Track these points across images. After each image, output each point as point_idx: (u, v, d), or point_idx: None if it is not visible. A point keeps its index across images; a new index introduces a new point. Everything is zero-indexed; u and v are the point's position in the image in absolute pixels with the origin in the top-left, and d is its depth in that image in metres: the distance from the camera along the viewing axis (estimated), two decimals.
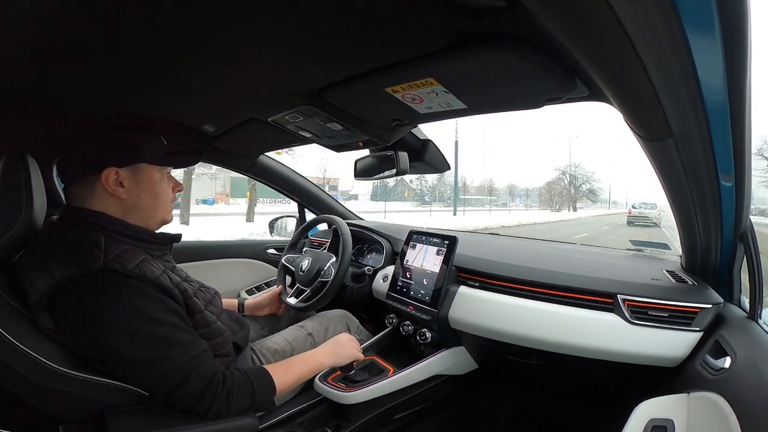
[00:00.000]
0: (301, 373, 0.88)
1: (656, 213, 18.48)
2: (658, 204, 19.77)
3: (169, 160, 0.83)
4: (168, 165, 0.83)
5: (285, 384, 0.83)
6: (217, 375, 0.72)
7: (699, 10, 0.38)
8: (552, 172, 54.01)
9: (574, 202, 42.59)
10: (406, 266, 1.21)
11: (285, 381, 0.83)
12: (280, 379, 0.81)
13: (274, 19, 0.55)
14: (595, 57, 0.48)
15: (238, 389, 0.73)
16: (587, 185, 45.20)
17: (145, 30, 0.58)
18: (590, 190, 46.00)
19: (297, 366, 0.88)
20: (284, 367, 0.86)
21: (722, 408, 0.59)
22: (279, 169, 1.66)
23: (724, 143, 0.58)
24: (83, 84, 0.79)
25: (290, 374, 0.85)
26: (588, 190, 45.72)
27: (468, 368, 1.19)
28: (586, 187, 45.33)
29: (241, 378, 0.75)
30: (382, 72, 0.68)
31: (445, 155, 1.20)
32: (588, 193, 45.63)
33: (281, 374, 0.82)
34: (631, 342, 0.85)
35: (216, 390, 0.71)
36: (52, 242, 0.73)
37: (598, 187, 46.08)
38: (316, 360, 0.92)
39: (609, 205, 52.83)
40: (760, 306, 0.78)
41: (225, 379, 0.73)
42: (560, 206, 39.55)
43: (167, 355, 0.68)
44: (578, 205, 44.30)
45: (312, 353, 0.94)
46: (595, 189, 46.07)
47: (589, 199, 46.66)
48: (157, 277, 0.71)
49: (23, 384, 0.66)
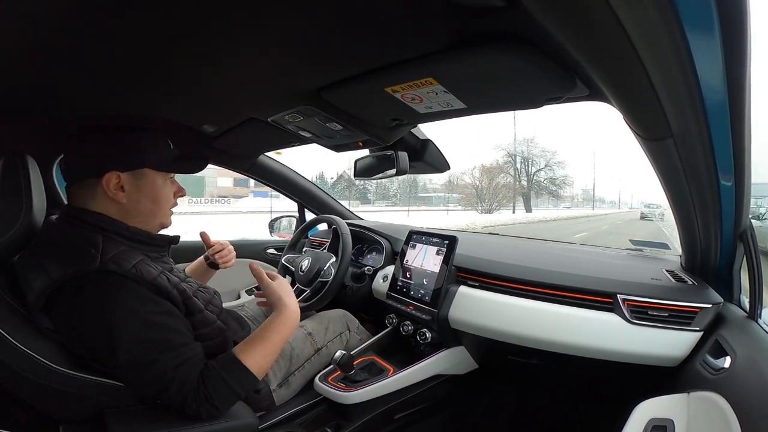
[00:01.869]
0: (271, 345, 0.77)
1: (661, 211, 23.08)
2: (661, 204, 22.80)
3: (175, 166, 0.82)
4: (173, 171, 0.82)
5: (261, 363, 0.75)
6: (194, 382, 0.68)
7: (699, 10, 0.38)
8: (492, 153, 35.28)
9: (528, 198, 29.34)
10: (406, 266, 1.21)
11: (260, 360, 0.75)
12: (249, 358, 0.73)
13: (274, 18, 0.55)
14: (594, 57, 0.48)
15: (214, 390, 0.69)
16: (547, 174, 30.16)
17: (144, 30, 0.57)
18: (552, 181, 30.15)
19: (265, 339, 0.77)
20: (251, 345, 0.76)
21: (722, 408, 0.59)
22: (279, 169, 1.66)
23: (724, 143, 0.58)
24: (83, 84, 0.79)
25: (263, 350, 0.76)
26: (549, 182, 30.15)
27: (468, 368, 1.19)
28: (544, 178, 30.12)
29: (214, 375, 0.70)
30: (381, 72, 0.68)
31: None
32: (549, 185, 30.21)
33: (251, 354, 0.74)
34: (631, 342, 0.85)
35: (197, 395, 0.68)
36: (50, 242, 0.73)
37: (562, 176, 30.62)
38: (280, 322, 0.80)
39: (593, 204, 42.10)
40: (760, 305, 0.78)
41: (199, 385, 0.68)
42: (497, 204, 25.43)
43: (156, 359, 0.67)
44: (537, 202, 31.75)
45: (270, 319, 0.80)
46: (559, 179, 30.38)
47: (551, 194, 31.30)
48: (154, 278, 0.71)
49: (23, 384, 0.66)
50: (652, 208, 25.54)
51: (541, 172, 30.37)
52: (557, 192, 31.34)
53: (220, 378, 0.70)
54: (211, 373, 0.70)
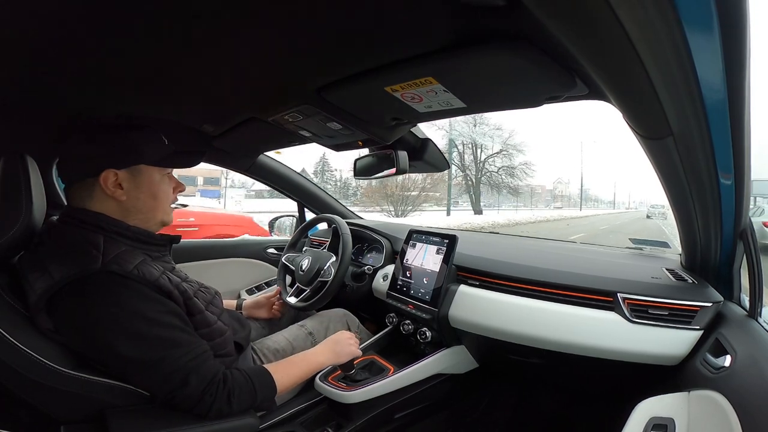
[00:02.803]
0: (301, 372, 0.88)
1: (665, 210, 23.47)
2: (664, 204, 23.76)
3: (170, 161, 0.82)
4: (168, 166, 0.82)
5: (285, 383, 0.84)
6: (218, 375, 0.72)
7: (698, 9, 0.38)
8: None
9: (476, 195, 21.30)
10: (406, 265, 1.21)
11: (285, 380, 0.84)
12: (280, 378, 0.82)
13: (274, 18, 0.55)
14: (594, 56, 0.48)
15: (238, 389, 0.74)
16: (503, 162, 21.86)
17: (144, 29, 0.57)
18: (508, 171, 21.81)
19: (297, 365, 0.88)
20: (285, 366, 0.87)
21: (723, 406, 0.59)
22: (278, 169, 1.66)
23: (724, 141, 0.58)
24: (83, 84, 0.79)
25: (291, 374, 0.86)
26: (503, 172, 21.73)
27: (468, 367, 1.19)
28: (499, 167, 21.81)
29: (241, 378, 0.75)
30: (381, 71, 0.68)
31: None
32: (503, 174, 21.77)
33: (282, 374, 0.83)
34: (632, 340, 0.85)
35: (216, 390, 0.71)
36: (51, 243, 0.73)
37: (522, 163, 22.46)
38: (316, 359, 0.93)
39: (581, 204, 36.17)
40: (760, 304, 0.78)
41: (225, 380, 0.73)
42: (411, 207, 15.05)
43: (167, 355, 0.68)
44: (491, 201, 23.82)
45: (312, 352, 0.94)
46: (516, 168, 22.14)
47: (510, 192, 23.08)
48: (156, 278, 0.71)
49: (24, 384, 0.66)
50: (656, 208, 27.60)
51: (495, 159, 22.03)
52: (517, 187, 23.11)
53: (249, 382, 0.76)
54: (240, 373, 0.75)
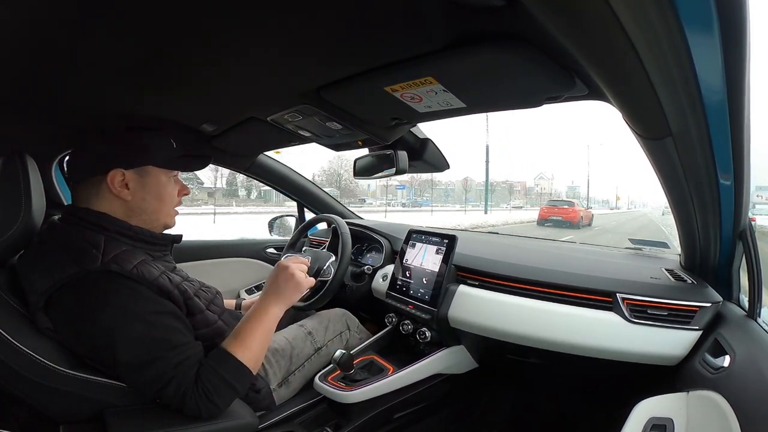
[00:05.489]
0: (261, 336, 0.78)
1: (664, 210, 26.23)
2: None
3: (178, 164, 0.83)
4: (176, 168, 0.83)
5: (251, 354, 0.76)
6: (191, 380, 0.68)
7: (698, 9, 0.38)
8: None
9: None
10: (406, 265, 1.21)
11: (249, 354, 0.75)
12: (244, 354, 0.74)
13: (273, 18, 0.55)
14: (593, 56, 0.48)
15: (212, 385, 0.69)
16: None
17: (144, 29, 0.57)
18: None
19: (252, 333, 0.77)
20: (241, 340, 0.76)
21: (721, 407, 0.59)
22: (278, 169, 1.66)
23: (723, 142, 0.58)
24: (82, 84, 0.78)
25: (249, 341, 0.76)
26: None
27: (467, 367, 1.19)
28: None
29: (210, 371, 0.70)
30: (381, 71, 0.68)
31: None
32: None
33: (242, 348, 0.75)
34: (631, 341, 0.85)
35: (195, 392, 0.68)
36: (51, 242, 0.73)
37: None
38: (267, 314, 0.80)
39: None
40: (759, 304, 0.78)
41: (196, 382, 0.69)
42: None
43: (157, 357, 0.67)
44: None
45: (259, 307, 0.81)
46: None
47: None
48: (155, 278, 0.71)
49: (23, 384, 0.66)
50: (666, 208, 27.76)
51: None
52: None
53: (216, 373, 0.70)
54: (206, 369, 0.70)
